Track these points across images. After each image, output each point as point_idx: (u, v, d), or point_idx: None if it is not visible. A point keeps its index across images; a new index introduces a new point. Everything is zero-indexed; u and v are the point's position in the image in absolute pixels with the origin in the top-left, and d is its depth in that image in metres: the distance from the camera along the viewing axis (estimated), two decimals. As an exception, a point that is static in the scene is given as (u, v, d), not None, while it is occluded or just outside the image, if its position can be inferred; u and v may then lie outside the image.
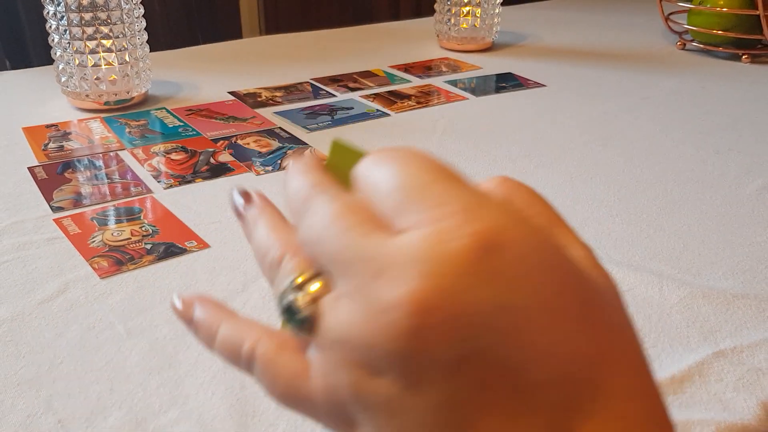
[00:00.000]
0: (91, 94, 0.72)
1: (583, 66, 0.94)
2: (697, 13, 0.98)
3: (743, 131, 0.72)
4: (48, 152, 0.64)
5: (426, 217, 0.18)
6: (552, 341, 0.17)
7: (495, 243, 0.17)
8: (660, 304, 0.43)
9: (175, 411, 0.34)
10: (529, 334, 0.17)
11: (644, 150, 0.67)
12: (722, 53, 0.99)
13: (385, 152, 0.21)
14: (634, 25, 1.18)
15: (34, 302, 0.42)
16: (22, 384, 0.36)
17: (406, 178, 0.19)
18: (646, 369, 0.19)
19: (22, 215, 0.53)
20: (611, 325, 0.19)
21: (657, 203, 0.56)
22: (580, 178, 0.60)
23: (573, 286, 0.18)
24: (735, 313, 0.42)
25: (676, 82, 0.87)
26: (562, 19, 1.22)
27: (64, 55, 0.71)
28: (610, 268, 0.46)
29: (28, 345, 0.39)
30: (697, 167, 0.63)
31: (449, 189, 0.19)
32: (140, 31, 0.74)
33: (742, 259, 0.48)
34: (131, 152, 0.64)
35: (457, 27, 0.99)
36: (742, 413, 0.34)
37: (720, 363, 0.38)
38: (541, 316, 0.17)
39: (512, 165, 0.63)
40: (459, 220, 0.18)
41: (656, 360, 0.38)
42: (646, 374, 0.19)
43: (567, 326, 0.17)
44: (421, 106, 0.78)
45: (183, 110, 0.75)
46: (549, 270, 0.18)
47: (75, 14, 0.69)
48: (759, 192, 0.58)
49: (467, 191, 0.19)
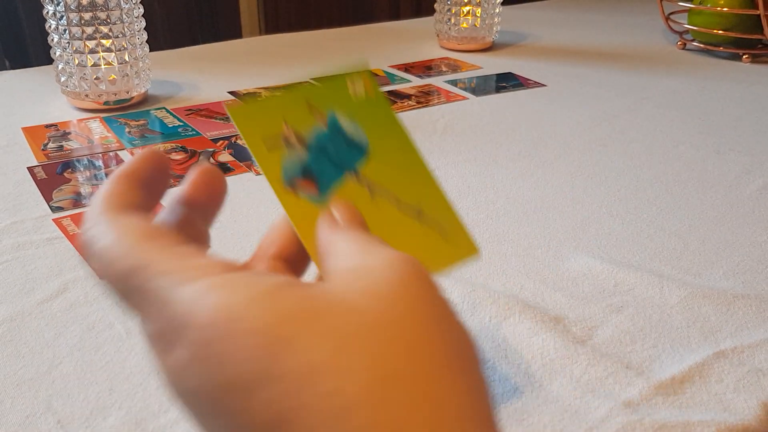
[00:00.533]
0: (90, 94, 0.72)
1: (584, 66, 0.94)
2: (697, 12, 0.98)
3: (744, 131, 0.72)
4: (47, 152, 0.64)
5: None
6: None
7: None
8: (660, 305, 0.43)
9: (174, 411, 0.34)
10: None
11: (644, 150, 0.67)
12: (723, 53, 0.99)
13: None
14: (634, 24, 1.18)
15: (34, 302, 0.42)
16: (22, 384, 0.36)
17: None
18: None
19: (21, 215, 0.52)
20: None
21: (657, 203, 0.56)
22: (581, 178, 0.60)
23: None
24: (735, 314, 0.42)
25: (677, 82, 0.87)
26: (562, 18, 1.22)
27: (64, 54, 0.71)
28: (611, 268, 0.46)
29: (28, 345, 0.39)
30: (697, 167, 0.63)
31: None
32: (140, 31, 0.74)
33: (743, 259, 0.48)
34: (131, 152, 0.64)
35: (457, 27, 0.99)
36: (743, 414, 0.34)
37: (720, 363, 0.38)
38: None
39: (512, 165, 0.63)
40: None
41: (656, 360, 0.38)
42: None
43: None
44: (421, 105, 0.78)
45: (183, 110, 0.75)
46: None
47: (74, 14, 0.69)
48: (759, 192, 0.58)
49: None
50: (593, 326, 0.41)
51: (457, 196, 0.57)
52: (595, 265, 0.47)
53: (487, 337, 0.40)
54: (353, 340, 0.18)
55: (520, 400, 0.35)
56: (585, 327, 0.41)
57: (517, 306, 0.42)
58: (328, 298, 0.19)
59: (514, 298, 0.43)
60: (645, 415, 0.34)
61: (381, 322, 0.19)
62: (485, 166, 0.63)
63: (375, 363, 0.18)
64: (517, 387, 0.36)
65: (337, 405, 0.17)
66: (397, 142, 0.29)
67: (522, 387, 0.36)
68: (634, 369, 0.37)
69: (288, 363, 0.18)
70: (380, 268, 0.21)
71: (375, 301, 0.19)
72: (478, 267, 0.46)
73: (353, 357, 0.18)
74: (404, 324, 0.19)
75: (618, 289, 0.44)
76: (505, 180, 0.60)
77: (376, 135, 0.28)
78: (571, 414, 0.34)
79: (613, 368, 0.37)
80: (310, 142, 0.27)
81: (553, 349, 0.38)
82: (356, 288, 0.20)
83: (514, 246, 0.49)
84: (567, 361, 0.38)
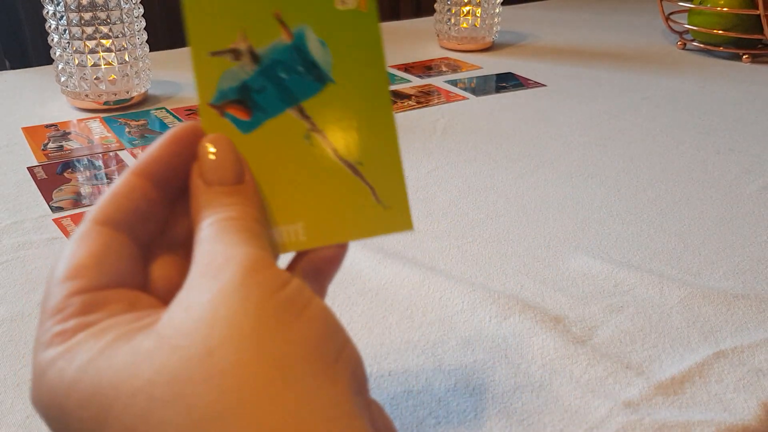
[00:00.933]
0: (90, 94, 0.72)
1: (584, 66, 0.94)
2: (697, 12, 0.98)
3: (744, 131, 0.72)
4: (47, 152, 0.64)
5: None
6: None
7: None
8: (660, 305, 0.43)
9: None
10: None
11: (644, 150, 0.67)
12: (723, 53, 0.99)
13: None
14: (634, 25, 1.18)
15: (34, 302, 0.42)
16: (22, 385, 0.36)
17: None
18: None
19: (21, 215, 0.52)
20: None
21: (657, 203, 0.56)
22: (580, 178, 0.60)
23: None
24: (735, 314, 0.42)
25: (677, 82, 0.87)
26: (562, 18, 1.22)
27: (64, 54, 0.71)
28: (611, 268, 0.46)
29: (28, 345, 0.39)
30: (697, 167, 0.63)
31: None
32: (140, 31, 0.74)
33: (743, 260, 0.48)
34: (131, 152, 0.64)
35: (457, 27, 0.99)
36: (743, 414, 0.34)
37: (720, 363, 0.38)
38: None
39: (512, 165, 0.63)
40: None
41: (656, 360, 0.38)
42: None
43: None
44: (421, 105, 0.78)
45: (183, 110, 0.75)
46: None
47: (74, 14, 0.69)
48: (760, 192, 0.58)
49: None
50: (593, 326, 0.41)
51: (457, 196, 0.57)
52: (595, 265, 0.47)
53: (487, 337, 0.40)
54: (167, 389, 0.18)
55: (520, 400, 0.35)
56: (585, 327, 0.41)
57: (517, 306, 0.42)
58: (149, 350, 0.19)
59: (514, 298, 0.43)
60: (645, 415, 0.34)
61: (197, 360, 0.19)
62: (485, 166, 0.63)
63: (188, 411, 0.18)
64: (517, 387, 0.36)
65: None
66: (368, 78, 0.25)
67: (522, 387, 0.36)
68: (634, 369, 0.37)
69: (113, 428, 0.18)
70: (213, 302, 0.20)
71: (196, 340, 0.19)
72: (479, 267, 0.46)
73: (167, 409, 0.18)
74: (221, 357, 0.19)
75: (618, 289, 0.44)
76: (505, 180, 0.60)
77: (346, 63, 0.24)
78: (571, 414, 0.34)
79: (613, 368, 0.37)
80: (263, 59, 0.24)
81: (553, 349, 0.38)
82: (181, 330, 0.19)
83: (514, 246, 0.49)
84: (567, 361, 0.38)
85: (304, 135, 0.24)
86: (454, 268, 0.46)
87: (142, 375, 0.19)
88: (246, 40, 0.24)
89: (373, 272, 0.45)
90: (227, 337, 0.19)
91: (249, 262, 0.21)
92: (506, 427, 0.34)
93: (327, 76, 0.24)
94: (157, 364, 0.19)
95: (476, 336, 0.40)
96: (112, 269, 0.23)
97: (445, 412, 0.34)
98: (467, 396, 0.35)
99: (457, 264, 0.47)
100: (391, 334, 0.40)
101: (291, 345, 0.19)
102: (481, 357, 0.38)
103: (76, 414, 0.19)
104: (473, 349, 0.39)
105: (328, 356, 0.20)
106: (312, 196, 0.25)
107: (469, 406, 0.35)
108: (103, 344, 0.20)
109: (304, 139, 0.24)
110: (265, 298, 0.20)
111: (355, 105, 0.25)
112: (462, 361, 0.38)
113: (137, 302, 0.22)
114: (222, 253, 0.21)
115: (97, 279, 0.22)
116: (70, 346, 0.20)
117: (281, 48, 0.24)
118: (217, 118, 0.24)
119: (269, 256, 0.22)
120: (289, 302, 0.20)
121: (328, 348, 0.20)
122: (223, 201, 0.23)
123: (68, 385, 0.19)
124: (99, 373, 0.19)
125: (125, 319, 0.21)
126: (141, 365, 0.19)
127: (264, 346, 0.19)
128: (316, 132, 0.25)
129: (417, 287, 0.44)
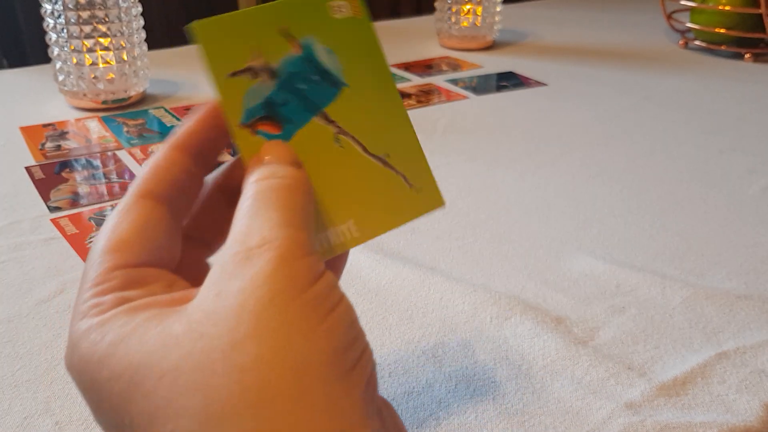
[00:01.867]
0: (88, 93, 0.72)
1: (585, 65, 0.94)
2: (699, 11, 0.98)
3: (747, 130, 0.71)
4: (45, 152, 0.63)
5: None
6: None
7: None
8: (663, 305, 0.42)
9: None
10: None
11: (646, 149, 0.66)
12: (725, 52, 0.99)
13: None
14: (636, 23, 1.18)
15: (32, 303, 0.42)
16: (20, 385, 0.36)
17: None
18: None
19: (18, 215, 0.52)
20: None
21: (659, 203, 0.56)
22: (582, 178, 0.60)
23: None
24: (738, 314, 0.42)
25: (679, 81, 0.87)
26: (563, 17, 1.22)
27: (62, 53, 0.71)
28: (613, 268, 0.46)
29: (26, 346, 0.38)
30: (700, 167, 0.62)
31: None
32: (138, 30, 0.73)
33: (746, 260, 0.47)
34: (129, 152, 0.64)
35: (457, 25, 0.98)
36: (745, 415, 0.34)
37: (723, 364, 0.37)
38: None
39: (513, 164, 0.62)
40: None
41: (658, 361, 0.38)
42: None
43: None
44: (422, 105, 0.77)
45: (181, 109, 0.75)
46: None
47: (72, 12, 0.68)
48: (763, 192, 0.58)
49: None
50: (595, 327, 0.40)
51: (457, 196, 0.56)
52: (597, 265, 0.46)
53: (487, 338, 0.39)
54: (190, 378, 0.19)
55: (521, 401, 0.35)
56: (587, 328, 0.40)
57: (519, 307, 0.42)
58: (178, 334, 0.20)
59: (515, 298, 0.42)
60: (647, 416, 0.34)
61: (221, 352, 0.19)
62: (486, 165, 0.62)
63: (206, 402, 0.18)
64: (519, 388, 0.36)
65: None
66: (376, 77, 0.26)
67: (523, 388, 0.36)
68: (636, 370, 0.37)
69: (138, 406, 0.19)
70: (243, 291, 0.20)
71: (222, 330, 0.19)
72: (479, 267, 0.46)
73: (188, 397, 0.18)
74: (244, 352, 0.19)
75: (620, 290, 0.44)
76: (506, 180, 0.59)
77: (354, 67, 0.26)
78: (573, 415, 0.34)
79: (615, 369, 0.37)
80: (279, 74, 0.25)
81: (555, 350, 0.38)
82: (210, 317, 0.20)
83: (515, 246, 0.49)
84: (568, 362, 0.37)
85: (333, 139, 0.26)
86: (455, 269, 0.46)
87: (169, 359, 0.19)
88: (260, 57, 0.24)
89: (373, 272, 0.45)
90: (252, 331, 0.19)
91: (284, 249, 0.21)
92: (507, 429, 0.33)
93: (341, 81, 0.26)
94: (183, 351, 0.19)
95: (477, 337, 0.39)
96: (153, 245, 0.23)
97: (446, 413, 0.34)
98: (468, 397, 0.35)
99: (457, 264, 0.46)
100: (391, 335, 0.40)
101: (313, 349, 0.20)
102: (481, 358, 0.38)
103: (107, 386, 0.20)
104: (474, 350, 0.38)
105: (347, 363, 0.20)
106: (354, 194, 0.26)
107: (470, 408, 0.35)
108: (136, 323, 0.20)
109: (335, 143, 0.26)
110: (295, 295, 0.20)
111: (370, 103, 0.26)
112: (462, 363, 0.38)
113: (174, 284, 0.23)
114: (259, 233, 0.21)
115: (138, 255, 0.23)
116: (105, 319, 0.21)
117: (293, 60, 0.25)
118: (251, 137, 0.24)
119: (308, 239, 0.22)
120: (318, 301, 0.20)
121: (348, 356, 0.20)
122: (275, 169, 0.23)
123: (99, 359, 0.20)
124: (129, 351, 0.20)
125: (161, 300, 0.21)
126: (170, 349, 0.19)
127: (287, 347, 0.19)
128: (343, 134, 0.26)
129: (417, 288, 0.44)
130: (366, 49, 0.26)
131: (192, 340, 0.19)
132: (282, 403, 0.18)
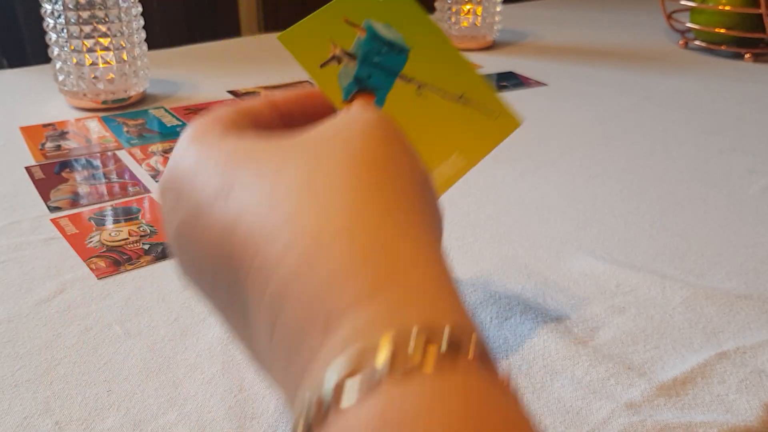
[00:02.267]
0: (88, 93, 0.72)
1: (585, 65, 0.94)
2: (699, 11, 0.98)
3: (747, 130, 0.71)
4: (45, 152, 0.63)
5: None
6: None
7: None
8: (663, 305, 0.42)
9: (173, 413, 0.34)
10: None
11: (646, 149, 0.66)
12: (725, 52, 0.99)
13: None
14: (636, 23, 1.18)
15: (31, 303, 0.42)
16: (20, 385, 0.36)
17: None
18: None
19: (18, 215, 0.52)
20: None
21: (659, 203, 0.56)
22: (582, 178, 0.60)
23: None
24: (738, 314, 0.42)
25: (679, 81, 0.87)
26: (563, 17, 1.22)
27: (62, 53, 0.71)
28: (613, 268, 0.46)
29: (25, 346, 0.38)
30: (700, 167, 0.62)
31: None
32: (138, 30, 0.73)
33: (746, 260, 0.47)
34: (129, 152, 0.64)
35: (457, 25, 0.98)
36: (745, 415, 0.34)
37: (723, 364, 0.37)
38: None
39: (513, 164, 0.62)
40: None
41: (658, 361, 0.38)
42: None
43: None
44: (422, 104, 0.77)
45: (181, 109, 0.74)
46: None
47: (72, 13, 0.68)
48: (763, 192, 0.58)
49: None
50: (595, 327, 0.40)
51: (457, 195, 0.56)
52: (596, 265, 0.46)
53: (487, 338, 0.39)
54: (321, 175, 0.21)
55: (521, 401, 0.35)
56: (587, 328, 0.40)
57: (519, 306, 0.42)
58: (293, 142, 0.23)
59: (515, 298, 0.42)
60: (647, 416, 0.34)
61: (324, 153, 0.22)
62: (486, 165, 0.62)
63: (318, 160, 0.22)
64: (518, 388, 0.36)
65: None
66: (430, 35, 0.31)
67: (523, 388, 0.36)
68: (636, 370, 0.37)
69: (242, 172, 0.22)
70: (348, 116, 0.24)
71: (326, 138, 0.23)
72: (479, 267, 0.46)
73: (326, 194, 0.21)
74: (348, 154, 0.22)
75: (620, 290, 0.44)
76: (506, 180, 0.59)
77: (410, 32, 0.31)
78: (573, 415, 0.34)
79: (615, 369, 0.37)
80: (357, 54, 0.30)
81: (555, 350, 0.38)
82: (324, 129, 0.23)
83: (515, 246, 0.49)
84: (568, 362, 0.37)
85: (416, 93, 0.31)
86: (455, 269, 0.46)
87: (283, 139, 0.24)
88: (337, 47, 0.30)
89: (373, 272, 0.45)
90: (364, 129, 0.23)
91: (380, 116, 0.24)
92: (507, 429, 0.33)
93: (405, 47, 0.31)
94: (300, 137, 0.23)
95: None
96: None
97: (446, 413, 0.34)
98: (468, 397, 0.35)
99: (457, 264, 0.46)
100: (391, 335, 0.40)
101: (414, 155, 0.24)
102: (481, 358, 0.38)
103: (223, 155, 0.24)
104: (474, 350, 0.38)
105: (425, 205, 0.23)
106: (448, 133, 0.31)
107: (470, 408, 0.34)
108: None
109: (419, 96, 0.31)
110: (397, 137, 0.23)
111: (434, 56, 0.31)
112: (463, 363, 0.37)
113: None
114: (358, 109, 0.25)
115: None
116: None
117: (363, 41, 0.30)
118: None
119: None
120: (409, 148, 0.24)
121: (426, 197, 0.23)
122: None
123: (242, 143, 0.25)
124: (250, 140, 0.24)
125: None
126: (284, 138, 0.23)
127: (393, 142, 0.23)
128: (422, 87, 0.31)
129: (417, 287, 0.43)
130: (413, 15, 0.31)
131: (306, 133, 0.23)
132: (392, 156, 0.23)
